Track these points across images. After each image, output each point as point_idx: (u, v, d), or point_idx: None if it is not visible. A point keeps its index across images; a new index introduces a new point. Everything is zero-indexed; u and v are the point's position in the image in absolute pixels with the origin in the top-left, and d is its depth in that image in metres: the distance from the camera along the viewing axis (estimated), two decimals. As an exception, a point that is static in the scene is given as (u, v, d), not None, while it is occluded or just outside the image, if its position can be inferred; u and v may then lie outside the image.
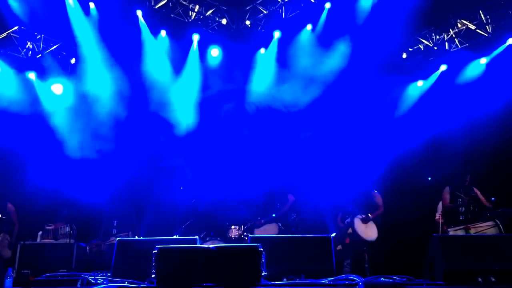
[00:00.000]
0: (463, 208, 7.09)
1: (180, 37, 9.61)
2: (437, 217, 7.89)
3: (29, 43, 9.16)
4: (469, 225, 7.02)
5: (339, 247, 7.19)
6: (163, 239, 5.07)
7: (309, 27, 9.35)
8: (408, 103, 9.80)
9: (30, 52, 9.20)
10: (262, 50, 10.08)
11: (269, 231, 7.46)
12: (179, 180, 10.12)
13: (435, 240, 4.99)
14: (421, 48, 9.70)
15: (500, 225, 6.79)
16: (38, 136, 8.97)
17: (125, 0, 8.83)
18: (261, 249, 4.02)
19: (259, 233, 7.44)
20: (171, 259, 4.07)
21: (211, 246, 4.15)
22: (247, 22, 9.89)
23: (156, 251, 4.04)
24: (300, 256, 4.93)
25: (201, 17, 9.60)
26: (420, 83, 9.83)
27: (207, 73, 10.44)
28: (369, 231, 7.23)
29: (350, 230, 7.23)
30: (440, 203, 8.24)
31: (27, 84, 9.19)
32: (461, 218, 7.10)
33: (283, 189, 7.93)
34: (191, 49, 9.69)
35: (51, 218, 8.14)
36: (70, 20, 8.60)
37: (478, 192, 7.27)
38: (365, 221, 7.33)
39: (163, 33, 9.46)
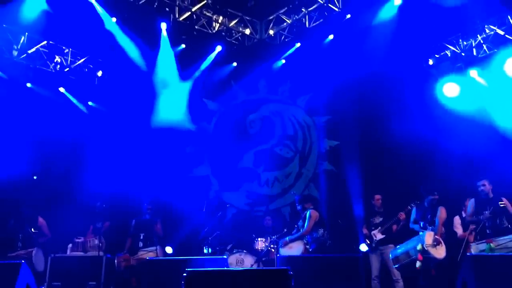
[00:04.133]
0: (489, 222, 6.77)
1: (204, 48, 9.70)
2: (461, 233, 7.60)
3: (57, 57, 9.34)
4: (491, 239, 6.71)
5: (419, 264, 6.43)
6: (192, 259, 5.10)
7: (331, 36, 9.25)
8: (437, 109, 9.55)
9: (59, 66, 9.39)
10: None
11: (294, 248, 7.27)
12: (207, 190, 10.19)
13: (468, 260, 4.89)
14: (448, 54, 9.50)
15: None
16: (71, 150, 9.17)
17: (149, 12, 8.92)
18: (291, 273, 4.00)
19: (284, 252, 7.27)
20: (201, 282, 4.09)
21: (239, 268, 4.15)
22: (271, 32, 9.89)
23: (185, 274, 4.06)
24: (329, 277, 4.90)
25: (225, 28, 9.64)
26: (450, 88, 9.57)
27: (231, 82, 10.54)
28: (440, 250, 6.53)
29: (420, 247, 6.61)
30: (457, 217, 7.90)
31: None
32: (487, 232, 6.79)
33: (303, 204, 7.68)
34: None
35: (81, 231, 8.25)
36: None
37: (508, 204, 6.75)
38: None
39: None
